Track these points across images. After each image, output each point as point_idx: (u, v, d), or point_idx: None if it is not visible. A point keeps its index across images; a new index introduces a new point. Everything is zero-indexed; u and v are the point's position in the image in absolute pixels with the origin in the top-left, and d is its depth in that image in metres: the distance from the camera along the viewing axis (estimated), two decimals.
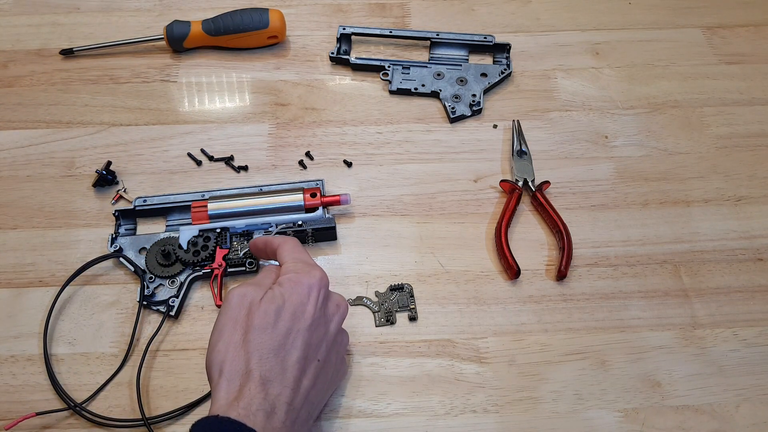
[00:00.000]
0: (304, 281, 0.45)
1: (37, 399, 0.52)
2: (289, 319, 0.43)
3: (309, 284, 0.45)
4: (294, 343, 0.43)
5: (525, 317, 0.56)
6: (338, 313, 0.48)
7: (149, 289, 0.55)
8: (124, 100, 0.69)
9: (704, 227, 0.60)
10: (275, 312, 0.43)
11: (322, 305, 0.46)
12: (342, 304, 0.49)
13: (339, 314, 0.48)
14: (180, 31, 0.70)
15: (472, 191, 0.63)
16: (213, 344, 0.43)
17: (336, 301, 0.48)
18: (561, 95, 0.69)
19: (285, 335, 0.43)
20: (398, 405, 0.51)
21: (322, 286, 0.46)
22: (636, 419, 0.51)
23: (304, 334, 0.43)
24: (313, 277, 0.46)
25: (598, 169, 0.64)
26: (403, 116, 0.68)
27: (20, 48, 0.73)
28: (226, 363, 0.42)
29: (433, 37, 0.71)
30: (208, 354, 0.43)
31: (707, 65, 0.72)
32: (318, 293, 0.45)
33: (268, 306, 0.43)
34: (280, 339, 0.43)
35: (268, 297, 0.44)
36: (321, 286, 0.46)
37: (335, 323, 0.47)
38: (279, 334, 0.43)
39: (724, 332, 0.55)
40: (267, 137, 0.66)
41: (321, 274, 0.46)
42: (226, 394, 0.40)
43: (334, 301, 0.48)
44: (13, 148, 0.65)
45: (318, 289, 0.45)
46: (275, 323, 0.43)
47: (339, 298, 0.49)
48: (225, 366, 0.42)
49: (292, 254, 0.48)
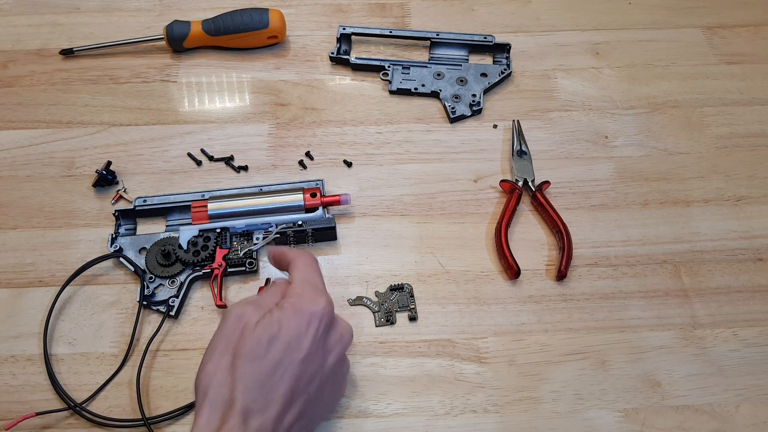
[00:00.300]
0: (306, 309, 0.43)
1: (37, 399, 0.52)
2: (281, 350, 0.42)
3: (311, 313, 0.43)
4: (283, 376, 0.41)
5: (525, 317, 0.56)
6: (340, 344, 0.45)
7: (149, 289, 0.55)
8: (124, 100, 0.69)
9: (704, 227, 0.60)
10: (268, 340, 0.42)
11: (322, 337, 0.44)
12: (346, 334, 0.46)
13: (340, 345, 0.45)
14: (180, 31, 0.70)
15: (472, 191, 0.63)
16: (203, 364, 0.43)
17: (339, 331, 0.46)
18: (561, 95, 0.69)
19: (274, 367, 0.41)
20: (398, 405, 0.51)
21: (325, 316, 0.44)
22: (636, 419, 0.51)
23: (296, 368, 0.42)
24: (316, 305, 0.43)
25: (598, 169, 0.64)
26: (403, 116, 0.68)
27: (20, 48, 0.73)
28: (211, 388, 0.41)
29: (433, 37, 0.71)
30: (198, 372, 0.43)
31: (707, 65, 0.72)
32: (319, 324, 0.43)
33: (262, 333, 0.42)
34: (268, 370, 0.41)
35: (264, 323, 0.42)
36: (323, 315, 0.44)
37: (334, 355, 0.45)
38: (268, 365, 0.41)
39: (724, 332, 0.55)
40: (267, 137, 0.66)
41: (326, 303, 0.44)
42: (208, 422, 0.40)
43: (337, 332, 0.45)
44: (13, 148, 0.65)
45: (320, 320, 0.43)
46: (266, 353, 0.41)
47: (343, 327, 0.46)
48: (210, 390, 0.41)
49: (302, 274, 0.46)
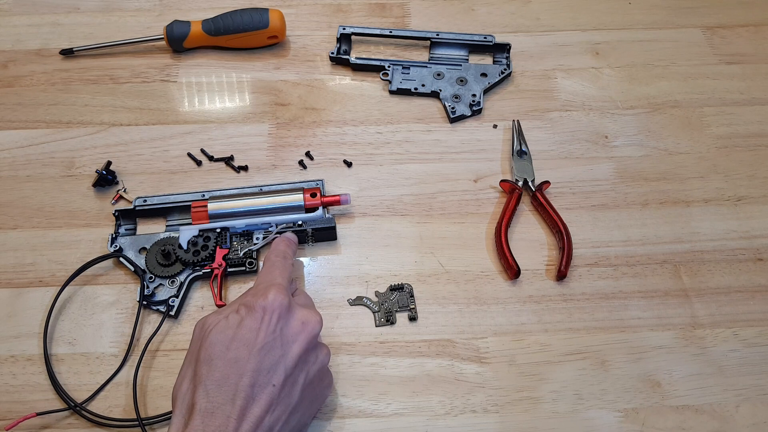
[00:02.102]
0: (257, 304, 0.44)
1: (37, 399, 0.52)
2: (237, 348, 0.43)
3: (263, 306, 0.44)
4: (240, 371, 0.42)
5: (525, 317, 0.56)
6: (303, 332, 0.45)
7: (149, 289, 0.55)
8: (124, 100, 0.69)
9: (704, 227, 0.60)
10: (226, 342, 0.43)
11: (278, 325, 0.44)
12: (310, 322, 0.46)
13: (304, 334, 0.45)
14: (180, 31, 0.70)
15: (472, 191, 0.63)
16: (177, 379, 0.44)
17: (300, 317, 0.46)
18: (561, 95, 0.69)
19: (231, 364, 0.42)
20: (398, 405, 0.51)
21: (276, 307, 0.44)
22: (636, 419, 0.51)
23: (252, 362, 0.42)
24: (266, 299, 0.45)
25: (598, 169, 0.64)
26: (403, 116, 0.68)
27: (20, 48, 0.73)
28: (178, 398, 0.42)
29: (433, 37, 0.71)
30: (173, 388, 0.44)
31: (707, 65, 0.72)
32: (272, 314, 0.44)
33: (216, 336, 0.43)
34: (225, 369, 0.42)
35: (219, 326, 0.44)
36: (275, 307, 0.44)
37: (298, 344, 0.44)
38: (225, 364, 0.42)
39: (724, 332, 0.55)
40: (267, 137, 0.66)
41: (275, 294, 0.45)
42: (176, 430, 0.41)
43: (298, 318, 0.45)
44: (13, 148, 0.65)
45: (272, 311, 0.44)
46: (223, 353, 0.42)
47: (305, 315, 0.46)
48: (177, 401, 0.42)
49: (261, 276, 0.48)
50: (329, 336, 0.54)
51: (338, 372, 0.53)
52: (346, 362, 0.53)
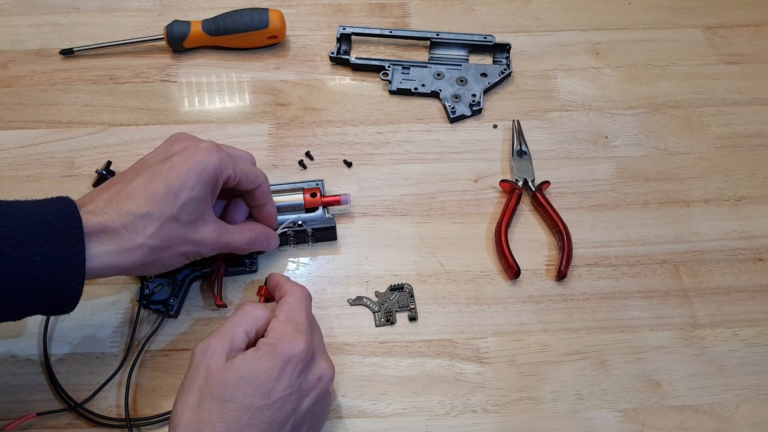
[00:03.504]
0: (283, 352, 0.41)
1: (37, 399, 0.52)
2: (252, 394, 0.40)
3: (288, 356, 0.41)
4: (251, 421, 0.39)
5: (525, 317, 0.56)
6: (318, 386, 0.43)
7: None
8: (124, 100, 0.69)
9: (704, 227, 0.60)
10: (236, 382, 0.40)
11: (297, 381, 0.42)
12: (325, 377, 0.44)
13: (319, 388, 0.44)
14: (180, 31, 0.70)
15: (472, 191, 0.63)
16: (174, 402, 0.42)
17: (318, 373, 0.44)
18: (561, 95, 0.69)
19: (242, 410, 0.39)
20: (398, 405, 0.51)
21: (302, 360, 0.42)
22: (636, 419, 0.51)
23: (266, 413, 0.40)
24: (294, 348, 0.42)
25: (598, 169, 0.64)
26: (403, 116, 0.68)
27: (20, 48, 0.73)
28: (179, 428, 0.40)
29: (433, 37, 0.71)
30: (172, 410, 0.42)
31: (707, 65, 0.72)
32: (295, 367, 0.41)
33: (231, 374, 0.40)
34: (237, 414, 0.39)
35: (234, 364, 0.41)
36: (301, 359, 0.42)
37: (311, 399, 0.43)
38: (236, 408, 0.39)
39: (724, 332, 0.55)
40: (267, 137, 0.66)
41: (305, 345, 0.42)
42: None
43: (315, 374, 0.43)
44: (13, 148, 0.65)
45: (297, 363, 0.42)
46: (237, 396, 0.40)
47: (323, 369, 0.44)
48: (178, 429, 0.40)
49: (288, 312, 0.45)
50: (329, 336, 0.54)
51: (338, 372, 0.53)
52: (346, 362, 0.53)
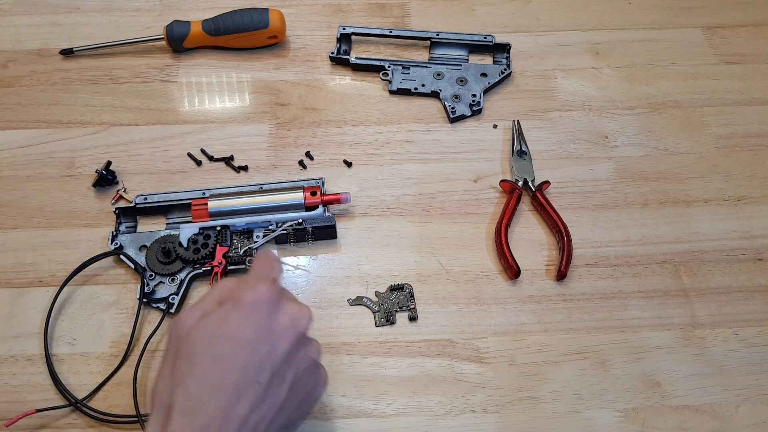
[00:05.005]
0: (246, 298, 0.41)
1: (37, 399, 0.52)
2: (221, 344, 0.39)
3: (251, 301, 0.41)
4: (224, 369, 0.39)
5: (525, 317, 0.56)
6: (292, 327, 0.42)
7: (149, 287, 0.55)
8: (124, 100, 0.69)
9: (704, 227, 0.60)
10: (209, 339, 0.40)
11: (267, 321, 0.41)
12: (299, 315, 0.43)
13: (293, 328, 0.42)
14: (180, 31, 0.70)
15: (472, 191, 0.63)
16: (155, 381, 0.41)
17: (290, 313, 0.43)
18: (561, 95, 0.69)
19: (214, 361, 0.39)
20: (398, 405, 0.51)
21: (266, 301, 0.41)
22: (636, 419, 0.51)
23: (238, 358, 0.39)
24: (256, 292, 0.41)
25: (598, 169, 0.64)
26: (403, 116, 0.68)
27: (20, 48, 0.73)
28: (156, 396, 0.40)
29: (433, 37, 0.71)
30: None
31: (707, 65, 0.72)
32: (260, 309, 0.41)
33: (198, 333, 0.40)
34: (207, 366, 0.39)
35: (203, 322, 0.41)
36: (266, 300, 0.41)
37: (286, 339, 0.41)
38: (208, 361, 0.39)
39: (724, 332, 0.55)
40: (267, 137, 0.66)
41: (266, 288, 0.42)
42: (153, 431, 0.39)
43: (287, 314, 0.42)
44: (13, 148, 0.65)
45: (261, 304, 0.41)
46: (206, 350, 0.39)
47: (296, 309, 0.43)
48: (155, 399, 0.40)
49: (251, 272, 0.45)
50: (329, 336, 0.54)
51: (338, 372, 0.53)
52: (346, 362, 0.53)
